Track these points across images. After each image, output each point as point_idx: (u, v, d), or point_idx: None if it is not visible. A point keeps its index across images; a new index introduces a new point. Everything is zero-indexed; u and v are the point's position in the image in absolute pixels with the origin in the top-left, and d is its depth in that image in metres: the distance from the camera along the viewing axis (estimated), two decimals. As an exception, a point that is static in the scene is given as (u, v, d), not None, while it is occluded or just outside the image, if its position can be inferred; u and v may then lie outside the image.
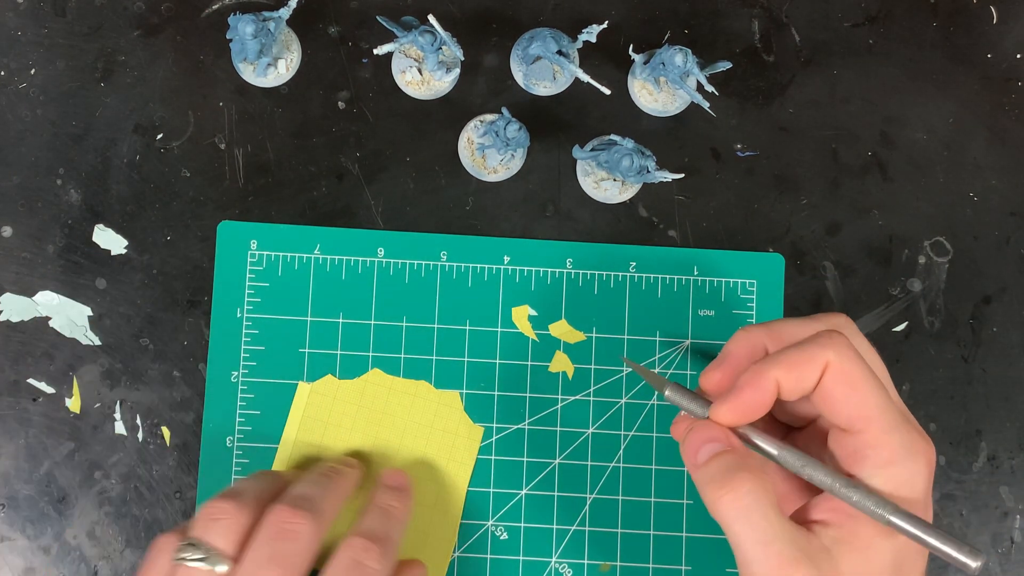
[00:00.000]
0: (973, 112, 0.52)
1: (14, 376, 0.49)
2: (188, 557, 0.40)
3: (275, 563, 0.40)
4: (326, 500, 0.43)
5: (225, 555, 0.40)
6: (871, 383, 0.39)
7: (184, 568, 0.40)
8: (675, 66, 0.48)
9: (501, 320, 0.50)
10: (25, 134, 0.50)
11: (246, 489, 0.43)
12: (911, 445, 0.38)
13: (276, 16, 0.48)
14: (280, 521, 0.41)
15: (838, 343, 0.39)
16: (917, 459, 0.38)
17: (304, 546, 0.41)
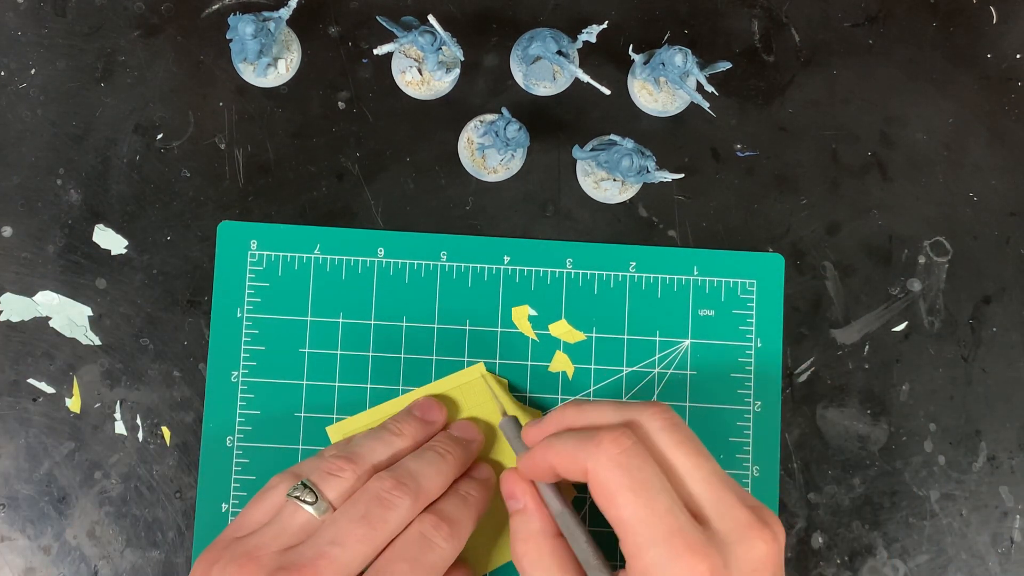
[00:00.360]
0: (973, 112, 0.52)
1: (14, 376, 0.49)
2: (301, 497, 0.42)
3: (365, 522, 0.41)
4: (433, 481, 0.44)
5: (331, 503, 0.42)
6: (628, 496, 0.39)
7: (293, 506, 0.42)
8: (675, 66, 0.48)
9: (501, 320, 0.50)
10: (25, 134, 0.50)
11: (366, 452, 0.44)
12: (670, 563, 0.38)
13: (276, 16, 0.48)
14: (381, 489, 0.42)
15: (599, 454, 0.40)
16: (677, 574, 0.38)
17: (397, 517, 0.42)
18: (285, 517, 0.42)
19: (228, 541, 0.43)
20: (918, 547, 0.50)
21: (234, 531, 0.43)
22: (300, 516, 0.42)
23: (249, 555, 0.41)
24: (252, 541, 0.42)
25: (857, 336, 0.51)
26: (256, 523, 0.43)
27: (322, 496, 0.42)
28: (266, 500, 0.44)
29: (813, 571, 0.50)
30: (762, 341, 0.50)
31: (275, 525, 0.42)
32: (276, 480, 0.44)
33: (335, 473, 0.43)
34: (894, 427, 0.50)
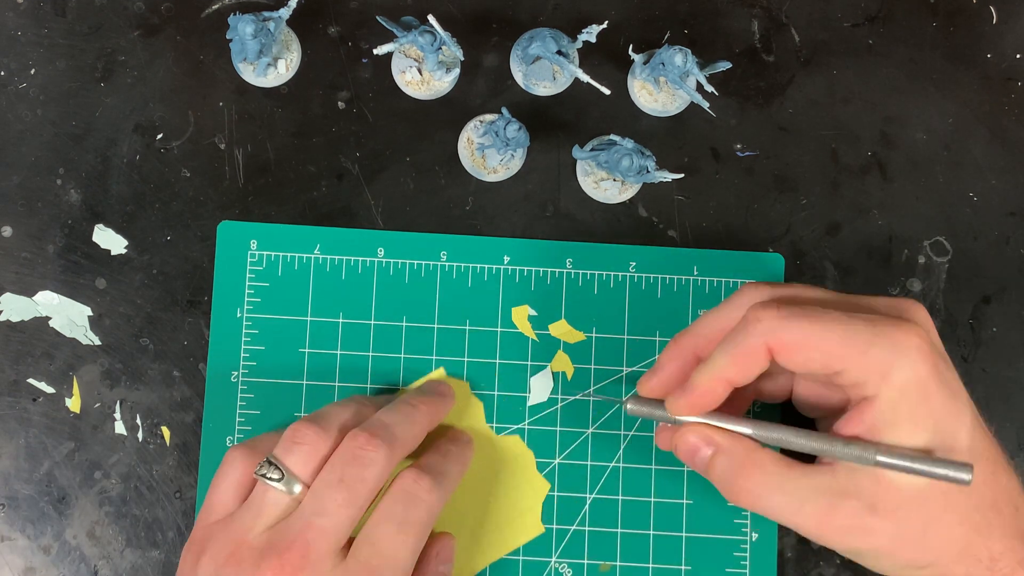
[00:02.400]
0: (973, 112, 0.52)
1: (14, 376, 0.49)
2: (268, 475, 0.42)
3: (344, 486, 0.41)
4: (406, 430, 0.44)
5: (300, 479, 0.42)
6: (819, 330, 0.39)
7: (262, 485, 0.42)
8: (675, 66, 0.48)
9: (501, 320, 0.50)
10: (25, 134, 0.50)
11: (331, 415, 0.44)
12: (895, 346, 0.39)
13: (276, 16, 0.48)
14: (355, 447, 0.42)
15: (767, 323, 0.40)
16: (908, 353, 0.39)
17: (375, 472, 0.42)
18: (258, 497, 0.42)
19: (206, 528, 0.42)
20: (918, 547, 0.50)
21: (207, 516, 0.43)
22: (272, 495, 0.42)
23: (235, 540, 0.41)
24: (234, 525, 0.41)
25: (857, 336, 0.51)
26: (224, 505, 0.43)
27: (288, 472, 0.42)
28: (227, 478, 0.43)
29: (813, 571, 0.50)
30: (762, 341, 0.50)
31: (252, 507, 0.42)
32: (232, 455, 0.44)
33: (299, 441, 0.42)
34: (894, 427, 0.50)
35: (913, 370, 0.39)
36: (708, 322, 0.43)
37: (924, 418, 0.39)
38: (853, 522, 0.39)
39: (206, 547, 0.41)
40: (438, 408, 0.46)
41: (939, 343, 0.41)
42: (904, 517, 0.39)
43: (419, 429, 0.45)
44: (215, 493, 0.43)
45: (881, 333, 0.39)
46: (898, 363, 0.38)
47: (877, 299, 0.42)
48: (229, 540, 0.41)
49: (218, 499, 0.43)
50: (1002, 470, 0.40)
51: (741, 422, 0.42)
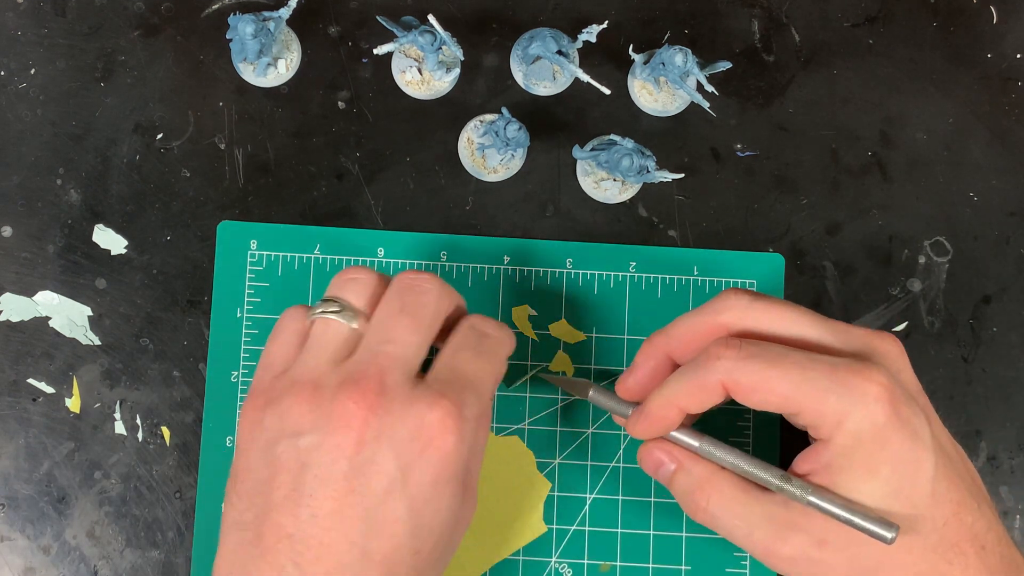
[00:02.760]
0: (973, 112, 0.52)
1: (14, 376, 0.49)
2: (326, 311, 0.41)
3: (406, 313, 0.40)
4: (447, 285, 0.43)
5: (359, 310, 0.41)
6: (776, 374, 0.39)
7: (320, 320, 0.41)
8: (675, 66, 0.48)
9: (501, 320, 0.50)
10: (25, 134, 0.50)
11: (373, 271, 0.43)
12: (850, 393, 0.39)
13: (276, 16, 0.48)
14: (409, 278, 0.41)
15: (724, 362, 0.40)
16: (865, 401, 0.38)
17: (433, 298, 0.41)
18: (319, 335, 0.41)
19: (267, 382, 0.41)
20: (918, 547, 0.50)
21: (266, 371, 0.41)
22: (334, 329, 0.41)
23: (304, 381, 0.39)
24: (299, 369, 0.40)
25: (857, 336, 0.51)
26: (284, 356, 0.42)
27: (347, 304, 0.41)
28: (284, 331, 0.42)
29: (813, 571, 0.50)
30: (762, 341, 0.50)
31: (313, 347, 0.41)
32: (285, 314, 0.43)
33: (351, 277, 0.42)
34: (894, 427, 0.50)
35: (868, 419, 0.38)
36: (684, 325, 0.43)
37: (880, 465, 0.39)
38: (800, 554, 0.40)
39: (272, 397, 0.40)
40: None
41: (909, 380, 0.41)
42: (856, 555, 0.39)
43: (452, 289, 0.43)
44: (272, 346, 0.42)
45: (839, 380, 0.39)
46: (853, 412, 0.38)
47: (852, 330, 0.42)
48: (297, 384, 0.39)
49: (277, 352, 0.42)
50: (968, 511, 0.40)
51: (697, 437, 0.42)
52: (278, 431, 0.39)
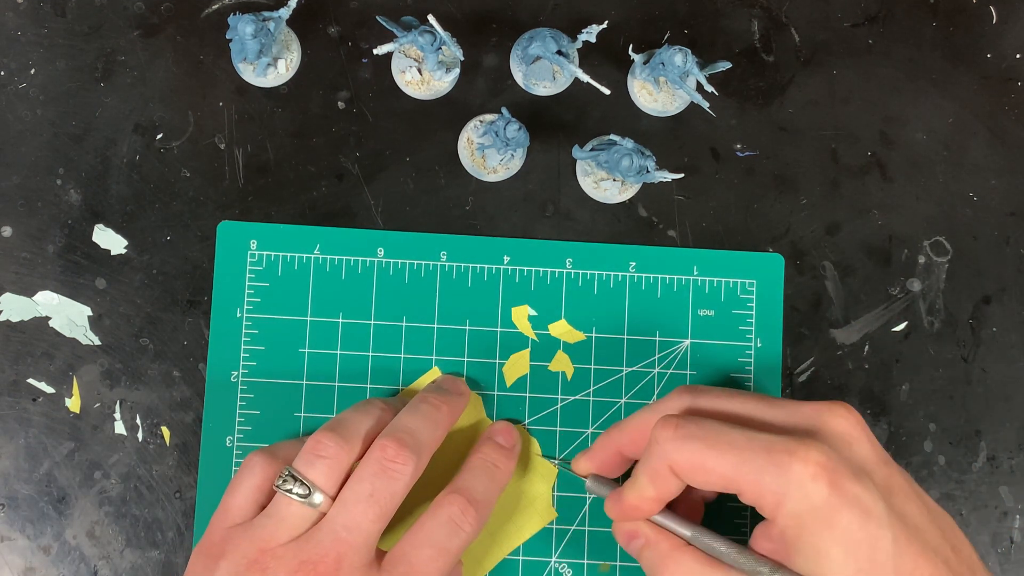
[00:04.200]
0: (973, 112, 0.52)
1: (14, 376, 0.49)
2: (292, 490, 0.41)
3: (374, 500, 0.41)
4: (431, 434, 0.44)
5: (324, 491, 0.42)
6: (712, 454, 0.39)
7: (285, 498, 0.42)
8: (675, 66, 0.48)
9: (501, 320, 0.50)
10: (25, 134, 0.50)
11: (352, 422, 0.44)
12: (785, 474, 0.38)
13: (276, 16, 0.48)
14: (384, 459, 0.42)
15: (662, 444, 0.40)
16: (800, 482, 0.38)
17: (403, 485, 0.42)
18: (281, 508, 0.42)
19: (222, 531, 0.42)
20: (918, 547, 0.50)
21: (223, 519, 0.43)
22: (295, 508, 0.42)
23: (258, 548, 0.41)
24: (256, 532, 0.41)
25: (857, 336, 0.51)
26: (243, 509, 0.43)
27: (312, 485, 0.42)
28: (245, 483, 0.43)
29: (813, 571, 0.50)
30: (762, 341, 0.50)
31: (274, 517, 0.42)
32: (252, 461, 0.43)
33: (322, 455, 0.42)
34: (894, 427, 0.50)
35: (806, 500, 0.38)
36: (636, 421, 0.44)
37: (829, 547, 0.38)
38: None
39: (225, 551, 0.41)
40: (458, 407, 0.47)
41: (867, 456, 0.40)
42: None
43: (442, 431, 0.45)
44: (233, 496, 0.43)
45: (774, 461, 0.38)
46: (789, 493, 0.38)
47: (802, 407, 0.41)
48: (252, 547, 0.41)
49: (236, 503, 0.43)
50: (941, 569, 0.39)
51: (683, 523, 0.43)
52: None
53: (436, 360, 0.49)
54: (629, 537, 0.43)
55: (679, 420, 0.40)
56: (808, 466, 0.38)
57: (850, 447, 0.40)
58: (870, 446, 0.40)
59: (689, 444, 0.40)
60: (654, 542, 0.42)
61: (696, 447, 0.39)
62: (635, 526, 0.43)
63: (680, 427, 0.40)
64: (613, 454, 0.45)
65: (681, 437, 0.40)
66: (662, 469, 0.40)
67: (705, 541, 0.42)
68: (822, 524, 0.38)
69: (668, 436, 0.40)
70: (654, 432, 0.41)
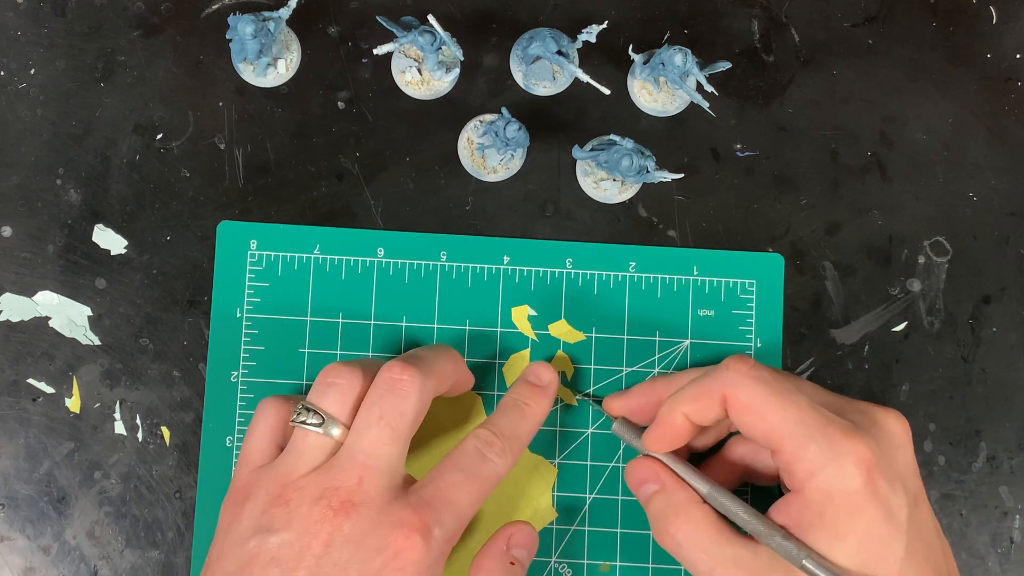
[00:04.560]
0: (973, 112, 0.52)
1: (14, 376, 0.49)
2: (307, 421, 0.41)
3: (384, 423, 0.41)
4: (442, 366, 0.44)
5: (339, 420, 0.42)
6: (774, 402, 0.40)
7: (301, 431, 0.42)
8: (675, 66, 0.48)
9: (501, 320, 0.50)
10: (25, 134, 0.50)
11: (363, 361, 0.44)
12: (832, 450, 0.38)
13: (276, 16, 0.48)
14: (390, 377, 0.42)
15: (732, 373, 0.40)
16: (842, 462, 0.38)
17: (412, 404, 0.42)
18: (299, 442, 0.42)
19: (247, 476, 0.42)
20: (918, 547, 0.50)
21: (244, 466, 0.43)
22: (313, 439, 0.41)
23: (281, 483, 0.41)
24: (278, 470, 0.41)
25: (857, 336, 0.51)
26: (262, 451, 0.43)
27: (326, 415, 0.41)
28: (261, 426, 0.43)
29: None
30: (762, 341, 0.50)
31: (292, 452, 0.41)
32: (265, 405, 0.44)
33: (333, 382, 0.42)
34: (894, 427, 0.50)
35: (841, 480, 0.38)
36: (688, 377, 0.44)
37: (848, 532, 0.38)
38: None
39: (249, 493, 0.41)
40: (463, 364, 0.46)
41: (905, 461, 0.40)
42: None
43: (451, 366, 0.45)
44: (251, 441, 0.43)
45: (827, 433, 0.39)
46: (828, 468, 0.38)
47: (860, 404, 0.42)
48: (275, 483, 0.41)
49: (255, 446, 0.43)
50: None
51: (701, 479, 0.43)
52: (253, 527, 0.40)
53: (436, 360, 0.49)
54: (642, 480, 0.43)
55: (756, 362, 0.41)
56: (857, 449, 0.38)
57: (896, 450, 0.40)
58: (911, 456, 0.41)
59: (757, 385, 0.40)
60: (670, 490, 0.42)
61: (762, 390, 0.40)
62: (652, 469, 0.43)
63: (756, 368, 0.40)
64: (651, 402, 0.45)
65: (752, 376, 0.40)
66: (714, 393, 0.41)
67: (721, 500, 0.42)
68: (848, 509, 0.38)
69: (741, 369, 0.40)
70: (727, 360, 0.41)
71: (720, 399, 0.41)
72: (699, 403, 0.41)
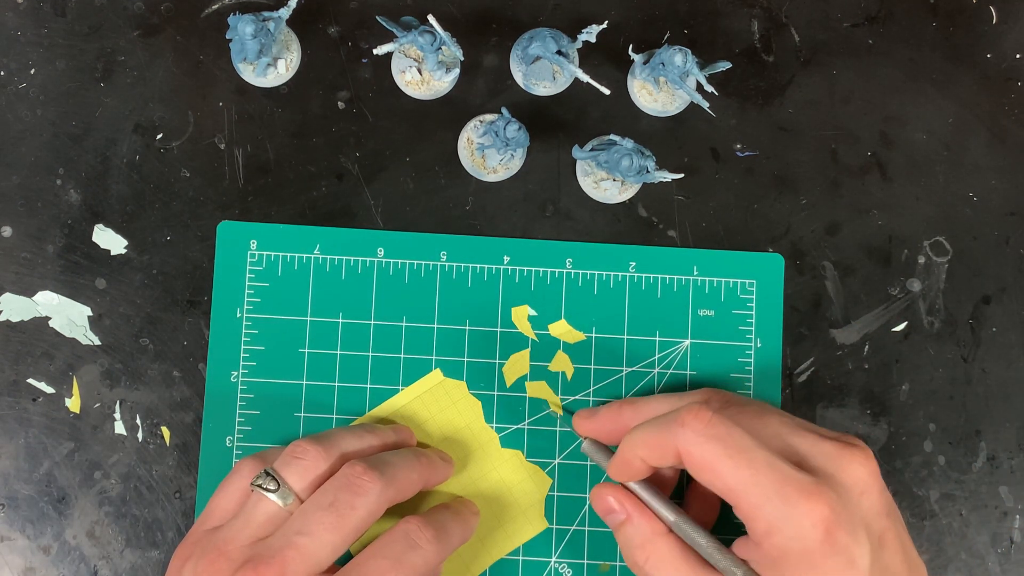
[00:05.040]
0: (973, 112, 0.52)
1: (14, 376, 0.49)
2: (263, 485, 0.42)
3: (333, 509, 0.41)
4: (405, 475, 0.44)
5: (295, 492, 0.42)
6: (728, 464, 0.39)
7: (257, 495, 0.42)
8: (675, 66, 0.48)
9: (501, 320, 0.50)
10: (25, 134, 0.50)
11: (336, 438, 0.44)
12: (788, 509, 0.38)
13: (276, 16, 0.48)
14: (351, 474, 0.42)
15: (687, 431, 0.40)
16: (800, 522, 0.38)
17: (366, 504, 0.42)
18: (250, 507, 0.42)
19: (199, 534, 0.43)
20: (918, 547, 0.50)
21: (203, 523, 0.43)
22: (264, 505, 0.42)
23: (218, 549, 0.41)
24: (221, 534, 0.42)
25: (857, 336, 0.51)
26: (223, 511, 0.43)
27: (284, 483, 0.42)
28: (231, 486, 0.44)
29: (813, 571, 0.49)
30: (762, 341, 0.50)
31: (242, 516, 0.42)
32: (241, 465, 0.44)
33: (300, 456, 0.43)
34: (894, 427, 0.50)
35: (798, 540, 0.38)
36: (654, 406, 0.45)
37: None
38: None
39: (193, 551, 0.42)
40: (439, 470, 0.47)
41: (873, 504, 0.40)
42: None
43: (417, 477, 0.45)
44: (216, 500, 0.44)
45: (783, 494, 0.38)
46: (784, 528, 0.38)
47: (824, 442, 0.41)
48: (213, 547, 0.41)
49: (218, 506, 0.44)
50: None
51: (668, 507, 0.43)
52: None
53: (436, 360, 0.49)
54: (607, 509, 0.44)
55: (713, 417, 0.40)
56: (815, 509, 0.38)
57: (860, 496, 0.40)
58: (878, 497, 0.40)
59: (711, 444, 0.39)
60: (635, 522, 0.43)
61: (716, 450, 0.39)
62: (617, 499, 0.43)
63: (711, 425, 0.40)
64: (617, 428, 0.45)
65: (707, 435, 0.39)
66: (669, 447, 0.40)
67: (686, 530, 0.42)
68: (806, 565, 0.38)
69: (696, 427, 0.40)
70: (683, 414, 0.40)
71: (675, 453, 0.40)
72: (654, 451, 0.41)
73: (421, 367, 0.49)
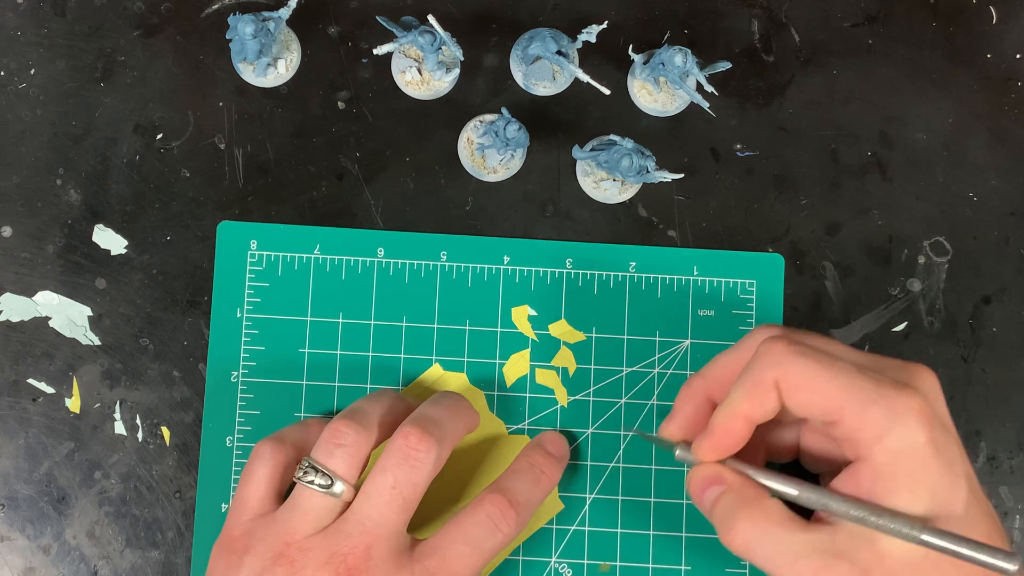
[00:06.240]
0: (973, 112, 0.52)
1: (14, 376, 0.49)
2: (314, 481, 0.41)
3: (397, 492, 0.41)
4: (454, 429, 0.44)
5: (346, 481, 0.42)
6: (825, 375, 0.39)
7: (307, 491, 0.41)
8: (675, 66, 0.48)
9: (501, 320, 0.50)
10: (25, 134, 0.50)
11: (368, 411, 0.44)
12: (892, 408, 0.38)
13: (276, 16, 0.48)
14: (407, 446, 0.42)
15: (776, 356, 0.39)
16: (906, 419, 0.38)
17: (425, 475, 0.42)
18: (303, 499, 0.42)
19: (243, 525, 0.42)
20: (918, 547, 0.50)
21: (241, 512, 0.43)
22: (317, 498, 0.41)
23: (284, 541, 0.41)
24: (280, 526, 0.41)
25: (857, 336, 0.51)
26: (260, 499, 0.43)
27: (333, 475, 0.41)
28: (257, 473, 0.43)
29: (813, 571, 0.49)
30: (762, 341, 0.50)
31: (297, 508, 0.41)
32: (261, 448, 0.43)
33: (341, 443, 0.42)
34: (894, 427, 0.50)
35: (909, 438, 0.38)
36: (719, 364, 0.43)
37: (920, 487, 0.38)
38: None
39: (249, 545, 0.41)
40: (473, 410, 0.47)
41: (943, 412, 0.40)
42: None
43: (463, 425, 0.45)
44: (248, 487, 0.43)
45: (883, 395, 0.38)
46: (894, 428, 0.38)
47: (888, 360, 0.41)
48: (277, 540, 0.41)
49: (252, 494, 0.43)
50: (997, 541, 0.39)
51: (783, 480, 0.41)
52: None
53: (436, 360, 0.49)
54: (707, 483, 0.41)
55: (791, 336, 0.39)
56: (915, 405, 0.38)
57: (936, 402, 0.40)
58: (945, 408, 0.41)
59: (803, 360, 0.39)
60: (737, 487, 0.40)
61: (810, 364, 0.38)
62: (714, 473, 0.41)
63: (794, 343, 0.39)
64: (701, 404, 0.43)
65: (795, 352, 0.39)
66: (765, 381, 0.39)
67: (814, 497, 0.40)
68: (918, 465, 0.38)
69: (781, 349, 0.39)
70: (763, 345, 0.39)
71: (775, 386, 0.39)
72: (756, 399, 0.40)
73: (421, 367, 0.49)
